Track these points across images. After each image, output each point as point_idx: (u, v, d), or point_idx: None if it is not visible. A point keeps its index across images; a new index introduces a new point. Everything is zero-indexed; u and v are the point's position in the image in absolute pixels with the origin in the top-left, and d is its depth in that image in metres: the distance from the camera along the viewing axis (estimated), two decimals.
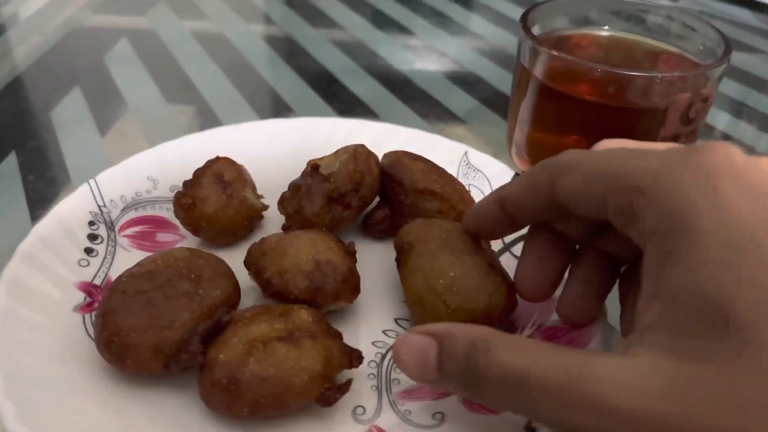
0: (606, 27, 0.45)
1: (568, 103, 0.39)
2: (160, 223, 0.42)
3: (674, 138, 0.39)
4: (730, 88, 0.68)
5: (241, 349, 0.29)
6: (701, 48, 0.42)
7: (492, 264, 0.33)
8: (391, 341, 0.35)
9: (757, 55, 0.76)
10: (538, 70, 0.40)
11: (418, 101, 0.62)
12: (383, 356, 0.34)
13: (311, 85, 0.64)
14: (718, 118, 0.62)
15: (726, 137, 0.59)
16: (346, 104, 0.61)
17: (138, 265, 0.33)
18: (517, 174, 0.44)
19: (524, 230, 0.41)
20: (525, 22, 0.41)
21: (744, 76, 0.71)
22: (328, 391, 0.29)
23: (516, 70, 0.43)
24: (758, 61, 0.75)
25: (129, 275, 0.32)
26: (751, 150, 0.58)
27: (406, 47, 0.73)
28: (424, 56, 0.72)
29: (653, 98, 0.37)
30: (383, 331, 0.36)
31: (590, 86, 0.39)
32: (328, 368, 0.29)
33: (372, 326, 0.36)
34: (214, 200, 0.38)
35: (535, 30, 0.43)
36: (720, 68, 0.38)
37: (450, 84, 0.66)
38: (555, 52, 0.38)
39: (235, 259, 0.36)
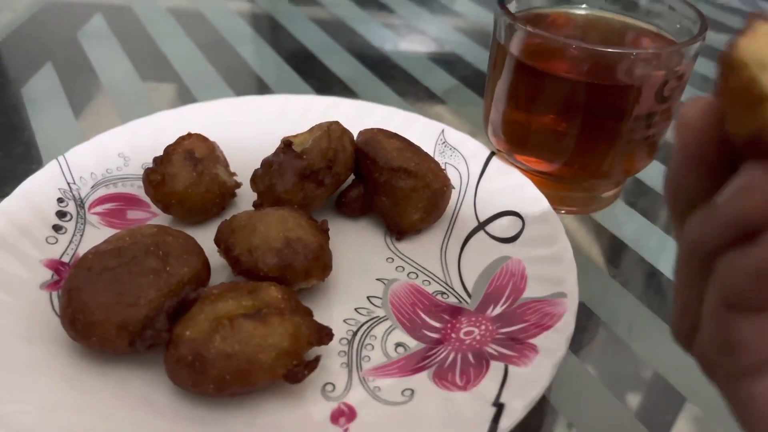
0: (583, 6, 0.44)
1: (543, 81, 0.39)
2: (130, 201, 0.41)
3: (649, 116, 0.39)
4: (713, 70, 0.68)
5: (207, 325, 0.28)
6: (678, 26, 0.41)
7: None
8: (363, 318, 0.35)
9: None
10: (514, 47, 0.40)
11: (396, 80, 0.62)
12: (354, 333, 0.34)
13: (289, 63, 0.63)
14: None
15: None
16: (324, 82, 0.60)
17: (105, 242, 0.33)
18: (493, 153, 0.44)
19: (498, 208, 0.41)
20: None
21: None
22: (296, 368, 0.29)
23: (492, 47, 0.42)
24: None
25: (95, 252, 0.32)
26: None
27: (386, 25, 0.73)
28: (404, 35, 0.71)
29: (628, 75, 0.37)
30: (355, 309, 0.35)
31: (565, 63, 0.38)
32: (297, 345, 0.29)
33: (344, 304, 0.36)
34: (185, 177, 0.38)
35: (512, 7, 0.42)
36: (695, 46, 0.37)
37: (429, 63, 0.65)
38: (531, 29, 0.38)
39: (206, 236, 0.36)
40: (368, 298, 0.36)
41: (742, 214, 0.17)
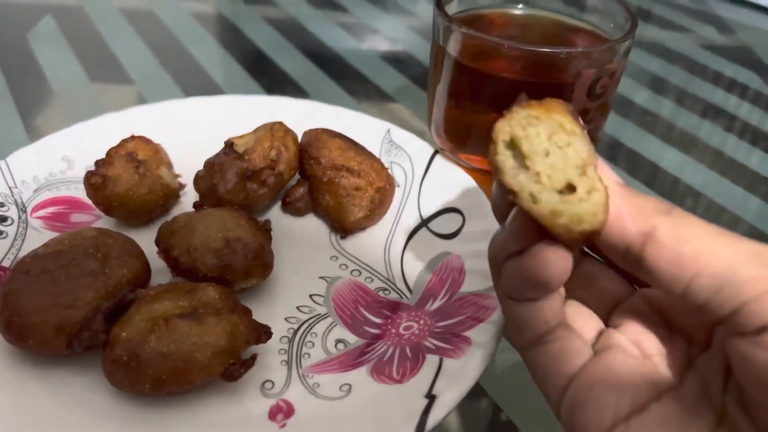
0: (520, 6, 0.45)
1: (480, 80, 0.40)
2: (74, 204, 0.41)
3: (583, 112, 0.40)
4: (676, 75, 0.70)
5: (143, 326, 0.29)
6: (612, 25, 0.42)
7: None
8: (304, 317, 0.35)
9: (687, 35, 0.78)
10: (452, 48, 0.40)
11: (348, 79, 0.62)
12: (295, 331, 0.35)
13: (241, 63, 0.63)
14: (664, 106, 0.64)
15: (671, 124, 0.61)
16: (275, 82, 0.61)
17: (44, 245, 0.33)
18: (437, 152, 0.44)
19: (440, 205, 0.42)
20: (440, 1, 0.41)
21: (672, 55, 0.73)
22: (233, 367, 0.29)
23: (432, 48, 0.43)
24: (687, 41, 0.77)
25: (33, 255, 0.32)
26: (692, 137, 0.60)
27: (339, 25, 0.73)
28: (357, 34, 0.72)
29: (560, 74, 0.38)
30: (297, 307, 0.36)
31: (501, 63, 0.39)
32: (234, 344, 0.30)
33: (286, 302, 0.36)
34: (126, 179, 0.38)
35: (454, 8, 0.43)
36: (624, 44, 0.39)
37: (381, 62, 0.66)
38: (465, 30, 0.39)
39: (150, 238, 0.36)
40: (311, 296, 0.37)
41: (511, 234, 0.24)
